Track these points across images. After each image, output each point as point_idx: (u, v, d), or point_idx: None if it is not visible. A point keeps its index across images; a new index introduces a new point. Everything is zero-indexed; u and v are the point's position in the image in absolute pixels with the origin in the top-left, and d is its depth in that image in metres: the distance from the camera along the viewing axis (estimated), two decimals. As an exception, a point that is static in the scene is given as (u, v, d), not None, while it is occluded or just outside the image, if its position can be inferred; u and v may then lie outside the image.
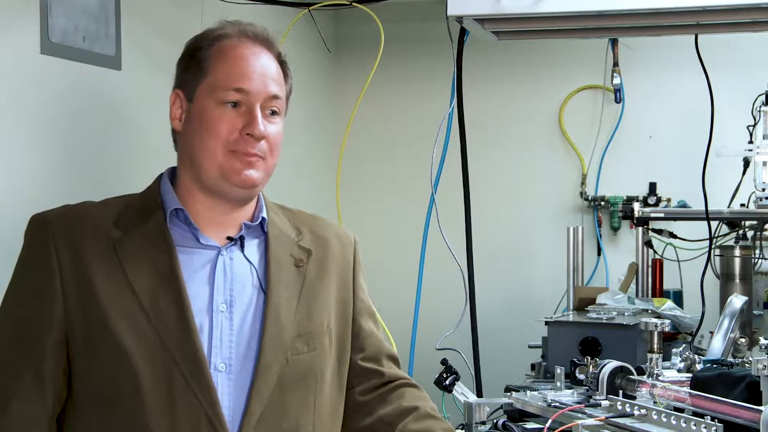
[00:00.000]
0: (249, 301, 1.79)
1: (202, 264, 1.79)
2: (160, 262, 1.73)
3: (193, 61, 1.82)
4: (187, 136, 1.81)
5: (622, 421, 1.89)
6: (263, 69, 1.81)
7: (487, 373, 2.84)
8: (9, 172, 2.25)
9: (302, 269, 1.86)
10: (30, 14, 2.31)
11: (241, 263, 1.82)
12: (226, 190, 1.80)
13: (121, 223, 1.78)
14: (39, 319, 1.72)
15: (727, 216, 3.58)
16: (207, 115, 1.77)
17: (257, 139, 1.77)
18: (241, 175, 1.77)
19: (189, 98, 1.81)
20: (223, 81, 1.77)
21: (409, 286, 3.10)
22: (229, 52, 1.80)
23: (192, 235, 1.80)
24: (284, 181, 3.87)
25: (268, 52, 1.84)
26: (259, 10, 3.32)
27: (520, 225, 4.41)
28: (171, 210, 1.79)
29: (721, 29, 2.67)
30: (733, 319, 2.67)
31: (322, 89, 4.43)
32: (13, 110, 2.27)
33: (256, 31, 1.85)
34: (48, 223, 1.77)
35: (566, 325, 3.10)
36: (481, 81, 4.22)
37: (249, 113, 1.78)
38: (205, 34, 1.85)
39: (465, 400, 2.33)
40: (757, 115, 3.51)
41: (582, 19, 2.56)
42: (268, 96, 1.80)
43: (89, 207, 1.82)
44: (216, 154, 1.77)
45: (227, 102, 1.77)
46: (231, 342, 1.75)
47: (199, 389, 1.69)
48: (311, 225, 1.96)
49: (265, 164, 1.81)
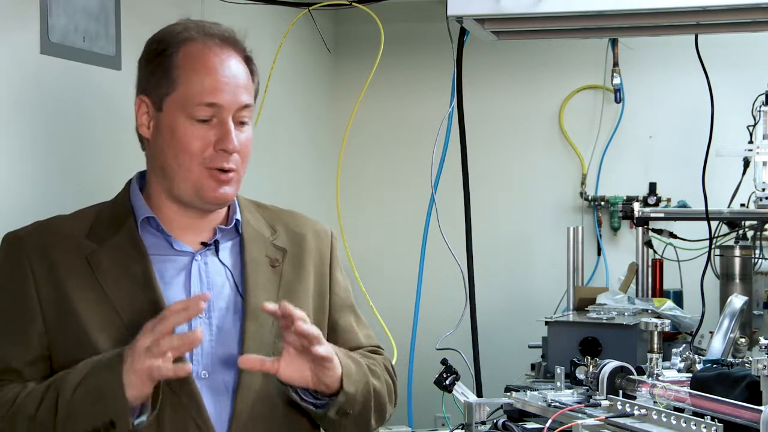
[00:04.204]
0: (227, 305, 1.79)
1: (177, 271, 1.78)
2: (134, 272, 1.73)
3: (159, 68, 1.78)
4: (158, 148, 1.79)
5: (622, 421, 1.89)
6: (234, 79, 1.77)
7: (487, 373, 2.84)
8: (9, 172, 2.25)
9: (278, 269, 1.86)
10: (30, 14, 2.31)
11: (217, 268, 1.81)
12: (199, 206, 1.80)
13: (93, 234, 1.77)
14: (19, 339, 1.72)
15: (727, 216, 3.58)
16: (179, 130, 1.75)
17: (231, 153, 1.76)
18: (216, 193, 1.77)
19: (157, 107, 1.78)
20: (194, 96, 1.74)
21: (409, 286, 3.10)
22: (197, 62, 1.76)
23: (166, 241, 1.80)
24: (284, 182, 3.89)
25: (236, 54, 1.81)
26: (259, 10, 3.32)
27: (520, 225, 4.41)
28: (142, 218, 1.79)
29: (721, 29, 2.67)
30: (733, 319, 2.67)
31: (322, 89, 4.43)
32: (13, 110, 2.26)
33: (222, 33, 1.81)
34: (21, 241, 1.77)
35: (566, 325, 3.10)
36: (481, 81, 4.22)
37: (221, 126, 1.75)
38: (168, 36, 1.80)
39: (465, 400, 2.33)
40: (757, 115, 3.51)
41: (582, 19, 2.56)
42: (240, 107, 1.77)
43: (61, 221, 1.82)
44: (191, 172, 1.75)
45: (199, 117, 1.74)
46: (211, 348, 1.75)
47: (184, 396, 1.70)
48: (287, 221, 1.95)
49: (237, 177, 1.80)
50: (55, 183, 2.39)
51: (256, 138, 3.26)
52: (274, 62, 3.24)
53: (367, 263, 3.68)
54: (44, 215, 1.88)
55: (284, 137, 3.91)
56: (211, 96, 1.74)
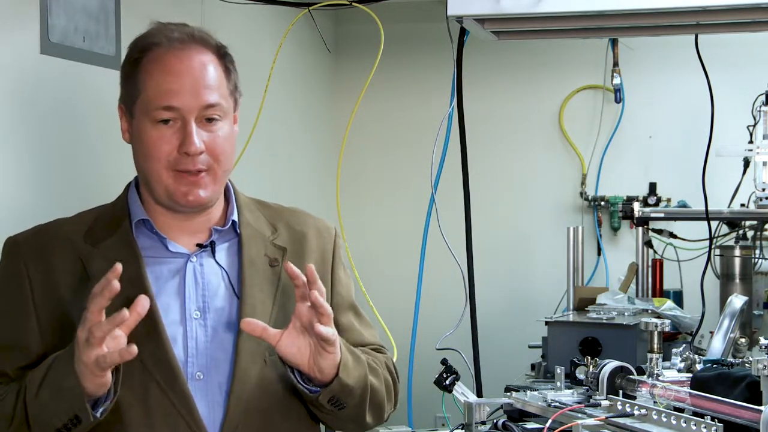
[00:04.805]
0: (222, 306, 1.78)
1: (172, 273, 1.78)
2: (128, 274, 1.69)
3: (130, 76, 1.78)
4: (135, 154, 1.79)
5: (622, 421, 1.89)
6: (193, 79, 1.74)
7: (487, 373, 2.84)
8: (8, 171, 2.25)
9: (277, 268, 1.83)
10: (30, 14, 2.31)
11: (213, 269, 1.80)
12: (179, 209, 1.79)
13: (89, 237, 1.78)
14: (15, 344, 1.72)
15: (727, 216, 3.58)
16: (144, 136, 1.74)
17: (194, 155, 1.73)
18: (189, 197, 1.75)
19: (130, 114, 1.78)
20: (152, 100, 1.73)
21: (409, 286, 3.10)
22: (156, 66, 1.74)
23: (160, 243, 1.79)
24: (284, 182, 3.88)
25: (203, 52, 1.77)
26: (259, 10, 3.32)
27: (520, 225, 4.42)
28: (137, 220, 1.79)
29: (721, 29, 2.67)
30: (733, 319, 2.67)
31: (322, 89, 4.43)
32: (13, 110, 2.26)
33: (187, 34, 1.78)
34: (18, 245, 1.78)
35: (566, 325, 3.10)
36: (481, 81, 4.22)
37: (183, 129, 1.73)
38: (136, 42, 1.80)
39: (465, 400, 2.33)
40: (757, 115, 3.51)
41: (582, 19, 2.55)
42: (201, 107, 1.74)
43: (60, 224, 1.82)
44: (161, 176, 1.74)
45: (160, 119, 1.73)
46: (207, 349, 1.74)
47: (175, 397, 1.69)
48: (289, 220, 1.92)
49: (213, 176, 1.77)
50: (53, 182, 2.39)
51: (256, 138, 3.27)
52: (274, 62, 3.24)
53: (367, 263, 3.67)
54: (42, 214, 1.88)
55: (284, 137, 3.91)
56: (167, 98, 1.72)
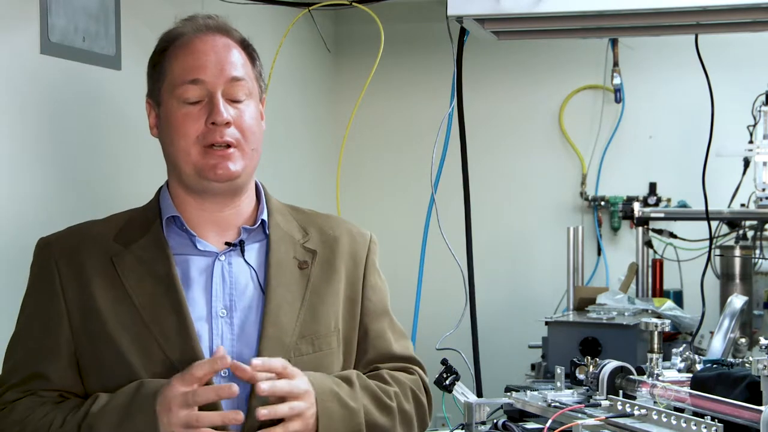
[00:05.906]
0: (249, 304, 1.79)
1: (200, 271, 1.79)
2: (158, 272, 1.74)
3: (157, 68, 1.82)
4: (162, 141, 1.82)
5: (622, 421, 1.89)
6: (218, 56, 1.78)
7: (487, 373, 2.84)
8: (8, 172, 2.25)
9: (306, 271, 1.85)
10: (30, 14, 2.31)
11: (241, 268, 1.81)
12: (208, 187, 1.79)
13: (120, 237, 1.79)
14: (47, 344, 1.74)
15: (727, 216, 3.58)
16: (172, 116, 1.77)
17: (222, 125, 1.75)
18: (218, 170, 1.76)
19: (157, 102, 1.82)
20: (178, 76, 1.76)
21: (409, 286, 3.09)
22: (182, 50, 1.79)
23: (190, 241, 1.80)
24: (284, 182, 3.88)
25: (229, 39, 1.82)
26: (259, 10, 3.31)
27: (520, 225, 4.41)
28: (167, 217, 1.80)
29: (721, 29, 2.66)
30: (733, 319, 2.67)
31: (322, 89, 4.43)
32: (13, 110, 2.26)
33: (213, 23, 1.83)
34: (49, 245, 1.80)
35: (566, 325, 3.10)
36: (481, 81, 4.22)
37: (210, 102, 1.76)
38: (162, 36, 1.84)
39: (465, 400, 2.33)
40: (757, 115, 3.51)
41: (582, 19, 2.55)
42: (227, 80, 1.77)
43: (91, 225, 1.84)
44: (189, 153, 1.76)
45: (187, 98, 1.75)
46: (232, 347, 1.75)
47: None
48: (322, 225, 1.94)
49: (242, 152, 1.78)
50: (54, 183, 2.39)
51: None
52: (274, 62, 3.24)
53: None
54: (43, 215, 1.88)
55: (284, 137, 3.91)
56: (193, 73, 1.76)
